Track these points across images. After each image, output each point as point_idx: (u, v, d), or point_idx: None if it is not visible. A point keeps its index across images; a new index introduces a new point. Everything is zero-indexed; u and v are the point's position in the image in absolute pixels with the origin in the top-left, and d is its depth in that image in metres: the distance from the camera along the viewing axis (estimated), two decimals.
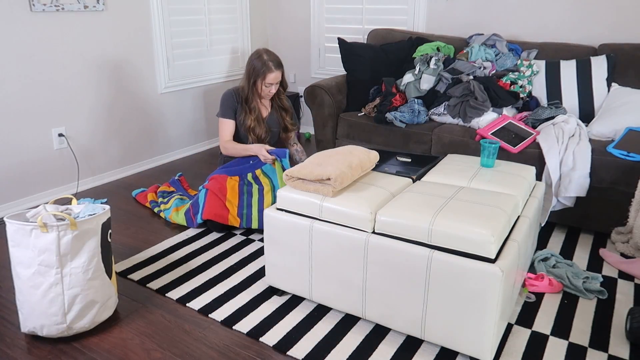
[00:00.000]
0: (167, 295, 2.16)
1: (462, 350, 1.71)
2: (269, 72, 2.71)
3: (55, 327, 1.84)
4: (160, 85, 3.73)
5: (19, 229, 1.77)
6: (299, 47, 4.53)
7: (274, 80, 2.75)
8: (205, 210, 2.62)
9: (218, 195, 2.64)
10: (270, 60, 2.73)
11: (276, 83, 2.78)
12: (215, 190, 2.64)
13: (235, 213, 2.63)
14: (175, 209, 2.84)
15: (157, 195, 3.07)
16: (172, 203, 2.89)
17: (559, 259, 2.35)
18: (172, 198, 2.96)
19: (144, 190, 3.19)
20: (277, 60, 2.77)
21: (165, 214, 2.86)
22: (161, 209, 2.91)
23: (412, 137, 3.03)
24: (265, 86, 2.76)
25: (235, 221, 2.63)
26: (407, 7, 3.87)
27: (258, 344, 1.87)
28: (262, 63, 2.72)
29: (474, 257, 1.64)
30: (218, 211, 2.62)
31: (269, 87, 2.76)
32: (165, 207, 2.90)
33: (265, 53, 2.76)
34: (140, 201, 3.09)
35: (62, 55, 3.08)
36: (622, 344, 1.86)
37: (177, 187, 3.20)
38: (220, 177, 2.70)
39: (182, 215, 2.78)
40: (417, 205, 1.79)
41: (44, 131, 3.08)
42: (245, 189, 2.68)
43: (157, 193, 3.09)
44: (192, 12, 3.88)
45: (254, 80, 2.76)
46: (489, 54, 3.23)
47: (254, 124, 2.81)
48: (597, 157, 2.52)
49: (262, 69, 2.72)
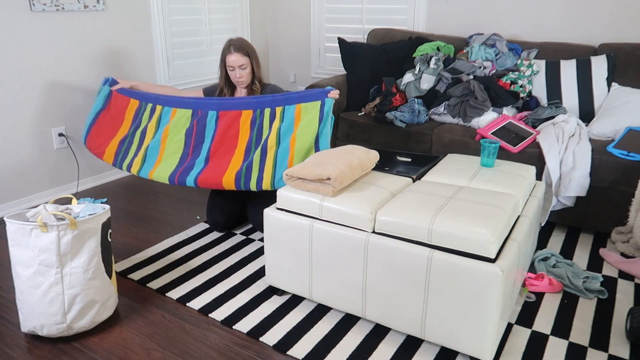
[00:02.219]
0: (167, 295, 2.16)
1: (462, 349, 1.71)
2: (229, 54, 2.69)
3: (55, 327, 1.84)
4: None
5: (19, 228, 1.77)
6: (299, 47, 4.53)
7: (234, 63, 2.69)
8: (200, 178, 2.45)
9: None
10: (232, 44, 2.71)
11: (239, 66, 2.70)
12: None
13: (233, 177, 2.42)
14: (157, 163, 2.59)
15: (119, 145, 2.72)
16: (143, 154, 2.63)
17: (559, 259, 2.35)
18: (141, 147, 2.67)
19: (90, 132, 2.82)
20: (239, 44, 2.71)
21: (142, 171, 2.60)
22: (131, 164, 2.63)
23: (412, 136, 3.03)
24: (230, 70, 2.73)
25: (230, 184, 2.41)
26: (407, 6, 3.87)
27: (258, 343, 1.87)
28: (226, 47, 2.72)
29: (474, 257, 1.64)
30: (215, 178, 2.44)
31: (233, 70, 2.72)
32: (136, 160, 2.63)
33: (234, 39, 2.75)
34: (94, 153, 2.80)
35: (62, 54, 3.08)
36: (622, 344, 1.86)
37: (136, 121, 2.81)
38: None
39: (166, 173, 2.53)
40: (417, 205, 1.79)
41: (44, 131, 3.08)
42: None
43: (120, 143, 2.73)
44: (192, 11, 3.88)
45: (223, 66, 2.77)
46: (489, 53, 3.23)
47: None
48: (597, 157, 2.52)
49: (225, 52, 2.72)
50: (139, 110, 2.77)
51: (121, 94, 2.82)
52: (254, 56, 2.75)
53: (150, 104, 2.74)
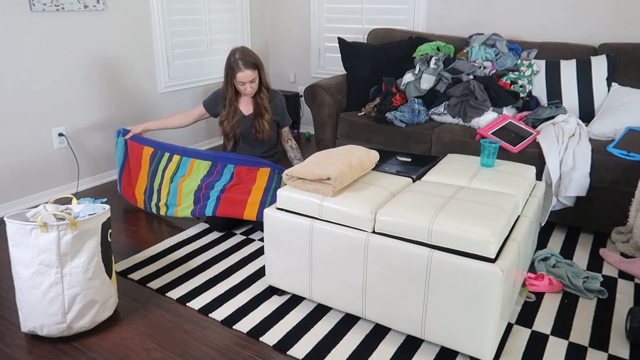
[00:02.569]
0: (167, 295, 2.16)
1: (462, 349, 1.71)
2: (238, 70, 2.70)
3: (55, 327, 1.84)
4: (160, 85, 3.73)
5: (19, 228, 1.77)
6: (299, 47, 4.53)
7: (244, 79, 2.71)
8: (219, 208, 2.60)
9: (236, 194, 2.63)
10: (240, 59, 2.70)
11: (250, 81, 2.73)
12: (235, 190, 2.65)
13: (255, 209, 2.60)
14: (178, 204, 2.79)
15: (145, 199, 2.94)
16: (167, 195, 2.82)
17: (559, 259, 2.35)
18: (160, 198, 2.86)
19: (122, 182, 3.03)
20: (248, 59, 2.71)
21: (168, 210, 2.79)
22: (160, 206, 2.84)
23: (412, 136, 3.03)
24: (240, 84, 2.75)
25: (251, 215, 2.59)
26: (407, 6, 3.87)
27: (258, 343, 1.88)
28: (234, 61, 2.71)
29: (474, 257, 1.64)
30: (233, 209, 2.61)
31: (243, 85, 2.75)
32: (162, 202, 2.83)
33: (240, 51, 2.74)
34: (128, 199, 3.00)
35: (62, 54, 3.08)
36: (622, 344, 1.86)
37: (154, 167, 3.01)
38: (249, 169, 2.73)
39: (188, 210, 2.73)
40: (417, 205, 1.79)
41: (44, 131, 3.08)
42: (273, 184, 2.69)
43: (144, 196, 2.95)
44: (192, 11, 3.88)
45: (228, 79, 2.79)
46: (489, 53, 3.23)
47: (229, 120, 2.84)
48: (597, 157, 2.52)
49: (233, 67, 2.72)
50: (153, 157, 2.91)
51: (135, 141, 2.94)
52: (262, 67, 2.80)
53: (167, 153, 2.89)
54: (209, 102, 2.97)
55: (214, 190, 2.68)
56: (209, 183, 2.76)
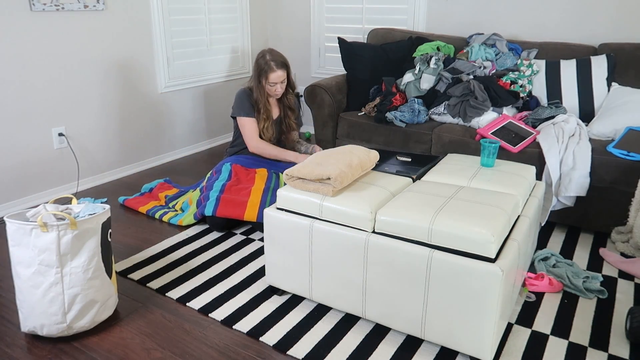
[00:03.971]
0: (167, 295, 2.16)
1: (462, 349, 1.71)
2: (271, 71, 2.76)
3: (55, 327, 1.84)
4: (160, 85, 3.73)
5: (19, 228, 1.77)
6: (299, 47, 4.53)
7: (277, 79, 2.78)
8: (219, 209, 2.63)
9: (234, 195, 2.67)
10: (273, 60, 2.77)
11: (281, 82, 2.81)
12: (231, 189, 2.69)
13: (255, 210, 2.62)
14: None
15: (166, 200, 3.06)
16: (182, 206, 2.92)
17: (559, 259, 2.35)
18: (178, 202, 2.98)
19: (133, 197, 3.10)
20: (279, 60, 2.80)
21: (174, 219, 2.83)
22: (170, 215, 2.88)
23: (412, 136, 3.03)
24: (270, 85, 2.80)
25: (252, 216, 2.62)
26: (407, 6, 3.87)
27: (258, 343, 1.88)
28: (265, 63, 2.77)
29: (474, 257, 1.64)
30: (233, 210, 2.63)
31: (274, 86, 2.80)
32: (173, 213, 2.89)
33: (269, 53, 2.81)
34: (132, 207, 3.02)
35: (62, 54, 3.08)
36: (622, 344, 1.86)
37: (178, 188, 3.21)
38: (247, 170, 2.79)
39: (191, 216, 2.80)
40: (417, 205, 1.79)
41: (44, 131, 3.08)
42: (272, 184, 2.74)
43: (165, 198, 3.07)
44: (192, 11, 3.88)
45: (260, 81, 2.81)
46: (489, 53, 3.23)
47: (266, 124, 2.87)
48: (597, 157, 2.52)
49: (265, 69, 2.77)
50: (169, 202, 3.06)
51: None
52: (289, 67, 2.85)
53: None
54: (247, 109, 2.86)
55: (214, 190, 2.70)
56: (209, 183, 2.77)
